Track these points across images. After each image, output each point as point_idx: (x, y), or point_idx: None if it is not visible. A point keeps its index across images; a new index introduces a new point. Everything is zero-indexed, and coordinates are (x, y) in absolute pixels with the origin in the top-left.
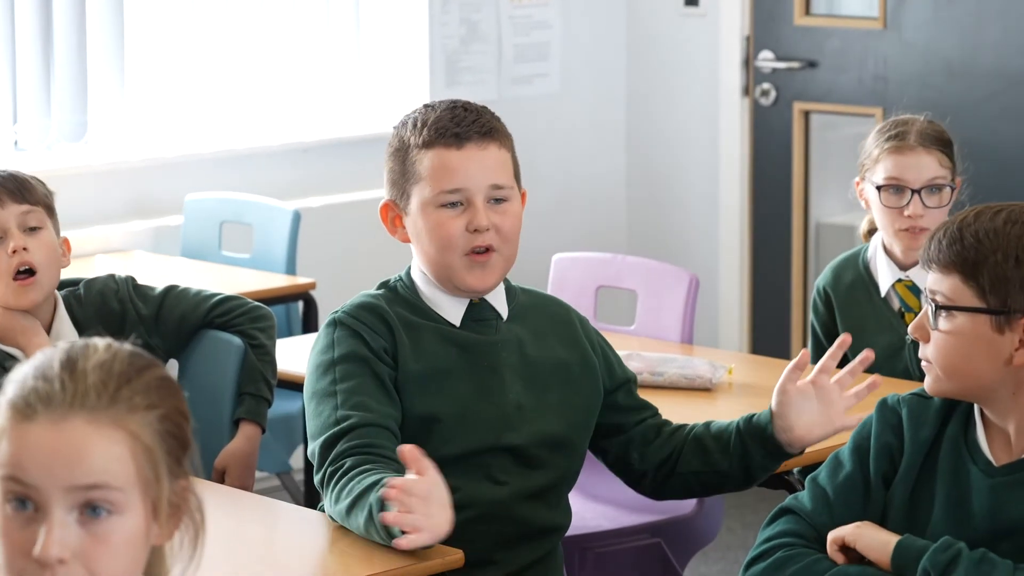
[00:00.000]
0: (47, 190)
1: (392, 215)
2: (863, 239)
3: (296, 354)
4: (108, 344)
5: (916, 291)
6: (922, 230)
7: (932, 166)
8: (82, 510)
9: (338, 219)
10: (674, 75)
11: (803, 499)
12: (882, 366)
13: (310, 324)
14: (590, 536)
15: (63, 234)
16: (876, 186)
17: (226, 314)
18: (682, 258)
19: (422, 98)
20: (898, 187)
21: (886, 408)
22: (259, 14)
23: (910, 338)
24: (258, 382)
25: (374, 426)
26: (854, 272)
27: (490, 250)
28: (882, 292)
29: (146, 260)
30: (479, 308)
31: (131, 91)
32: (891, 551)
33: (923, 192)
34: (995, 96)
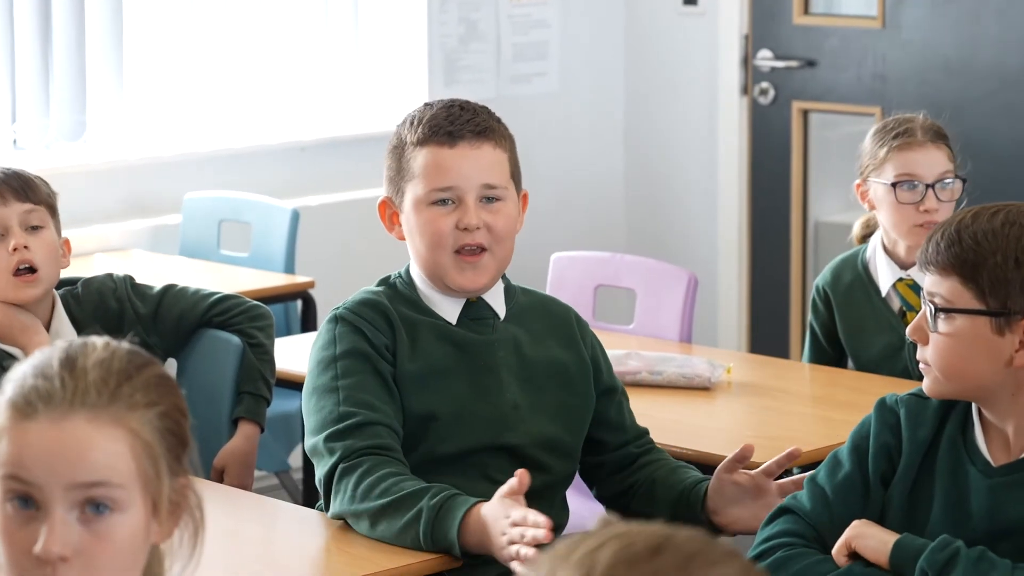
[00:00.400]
0: (50, 190)
1: (389, 212)
2: (856, 243)
3: (295, 353)
4: (107, 342)
5: (917, 289)
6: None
7: (942, 160)
8: (83, 508)
9: (336, 218)
10: (673, 74)
11: (802, 499)
12: (881, 366)
13: (309, 323)
14: None
15: (63, 234)
16: (890, 184)
17: (224, 313)
18: (681, 257)
19: (421, 97)
20: (912, 183)
21: (884, 408)
22: (257, 13)
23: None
24: (257, 381)
25: (382, 425)
26: (853, 272)
27: (481, 250)
28: (882, 292)
29: (145, 259)
30: (476, 307)
31: (130, 90)
32: (889, 550)
33: (935, 187)
34: (993, 94)
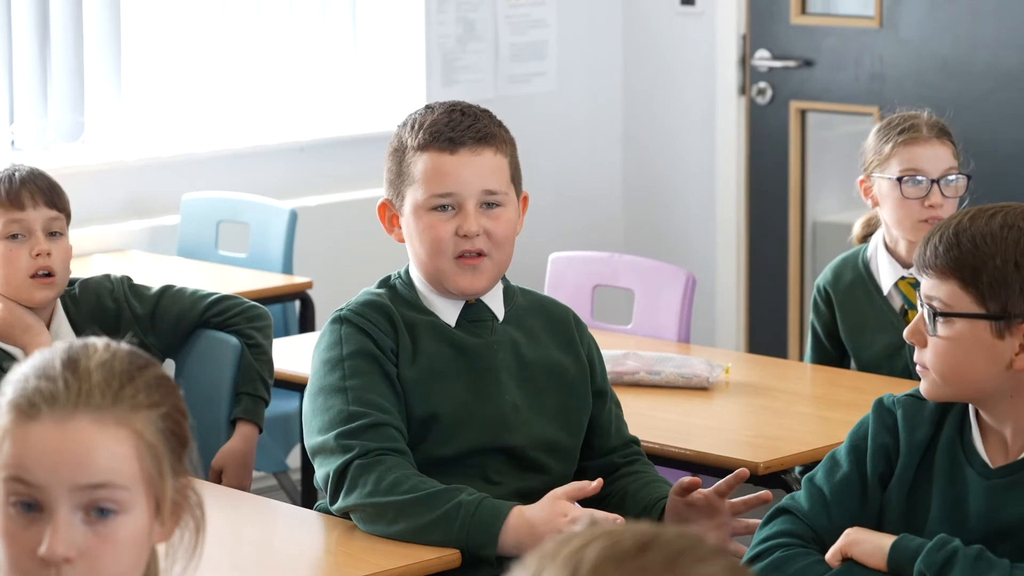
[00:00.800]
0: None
1: (389, 214)
2: (856, 242)
3: (293, 354)
4: (107, 343)
5: (919, 287)
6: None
7: (947, 156)
8: (87, 510)
9: (335, 218)
10: (671, 74)
11: (800, 499)
12: (882, 365)
13: (307, 323)
14: None
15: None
16: (896, 178)
17: (222, 313)
18: (679, 257)
19: (419, 97)
20: (917, 177)
21: (882, 408)
22: (255, 13)
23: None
24: (255, 382)
25: (393, 428)
26: (854, 272)
27: (480, 255)
28: (884, 291)
29: (143, 260)
30: (475, 309)
31: (128, 91)
32: (886, 553)
33: (940, 182)
34: (991, 94)
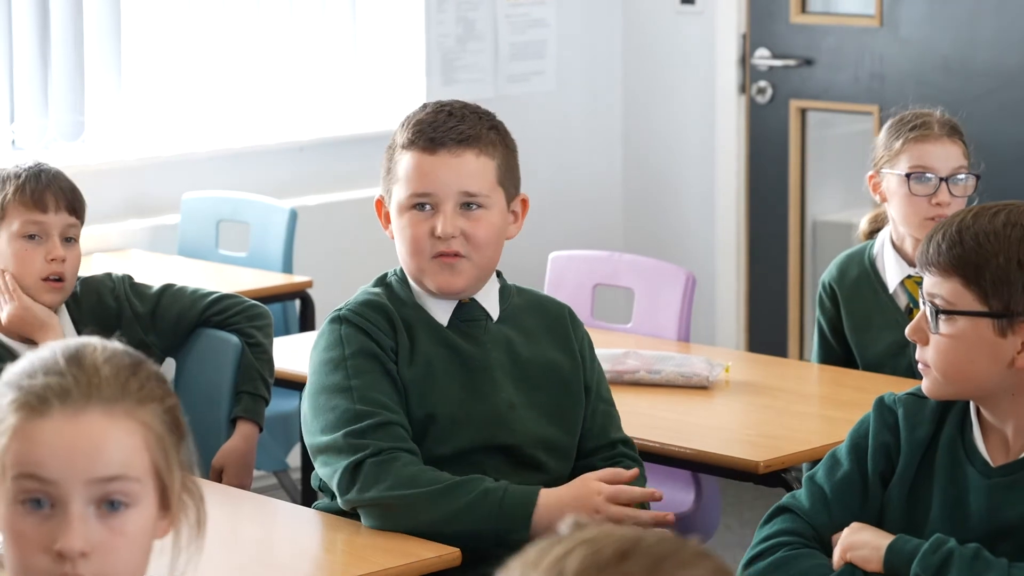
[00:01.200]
0: None
1: (384, 211)
2: (863, 238)
3: (293, 353)
4: (103, 341)
5: None
6: None
7: (957, 155)
8: (99, 504)
9: (335, 217)
10: (670, 73)
11: (801, 497)
12: (886, 363)
13: (307, 323)
14: None
15: None
16: (904, 175)
17: (223, 312)
18: (679, 256)
19: (418, 96)
20: (926, 175)
21: (883, 407)
22: (255, 13)
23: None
24: (255, 381)
25: (401, 427)
26: (859, 268)
27: (456, 256)
28: (890, 288)
29: (143, 259)
30: (468, 308)
31: (128, 90)
32: (882, 556)
33: (949, 181)
34: (991, 93)
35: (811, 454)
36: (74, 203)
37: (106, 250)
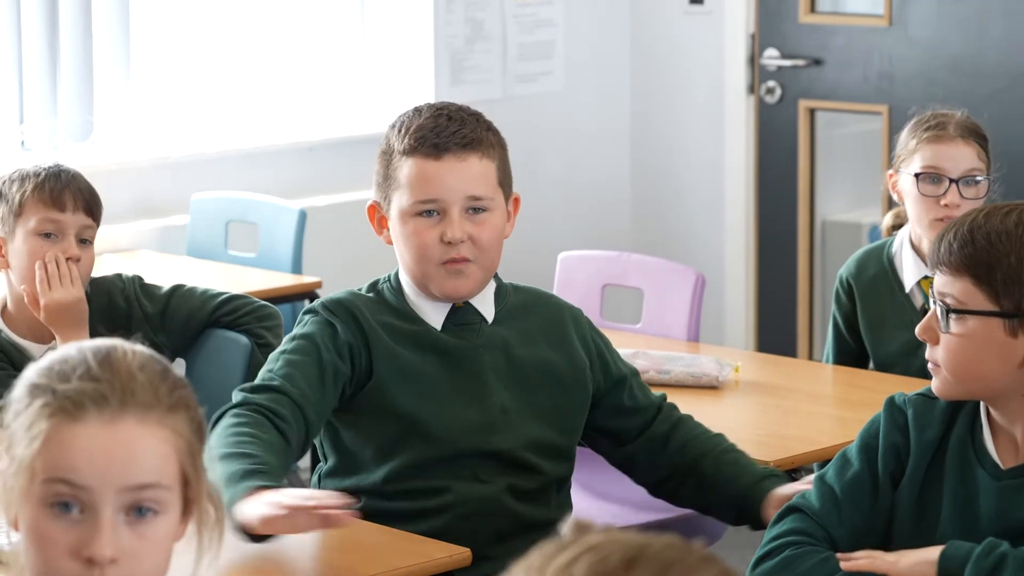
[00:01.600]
0: None
1: (378, 216)
2: (885, 233)
3: None
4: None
5: None
6: None
7: (970, 157)
8: (128, 511)
9: (344, 218)
10: (679, 73)
11: (811, 498)
12: (899, 362)
13: None
14: None
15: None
16: (914, 174)
17: (232, 313)
18: (687, 256)
19: (427, 96)
20: (936, 176)
21: (894, 407)
22: (264, 13)
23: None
24: None
25: (289, 398)
26: (877, 265)
27: (465, 260)
28: (906, 288)
29: (152, 259)
30: (462, 312)
31: (137, 91)
32: (936, 559)
33: (960, 183)
34: (1000, 93)
35: (821, 454)
36: (91, 205)
37: (115, 251)
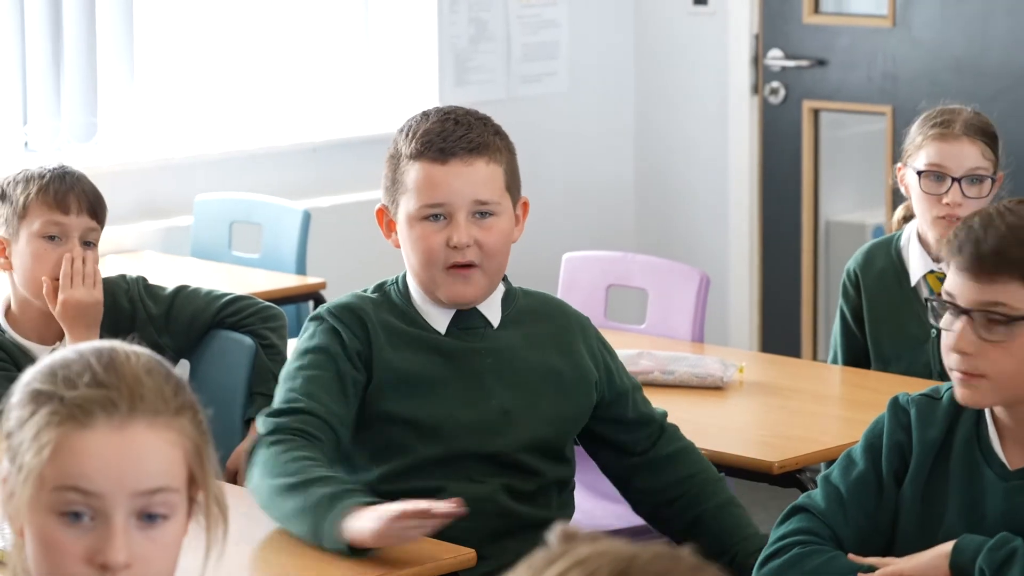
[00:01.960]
0: None
1: (386, 219)
2: (896, 226)
3: None
4: (132, 347)
5: None
6: (958, 219)
7: (974, 156)
8: (139, 515)
9: (347, 219)
10: (683, 74)
11: (816, 497)
12: (902, 357)
13: None
14: None
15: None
16: (917, 171)
17: (237, 314)
18: (692, 256)
19: (431, 97)
20: (939, 174)
21: (898, 407)
22: (268, 15)
23: (936, 331)
24: (269, 382)
25: (318, 418)
26: (885, 258)
27: (471, 266)
28: (912, 281)
29: (156, 260)
30: (467, 316)
31: (141, 92)
32: (948, 552)
33: (963, 181)
34: (1004, 93)
35: (825, 454)
36: (96, 207)
37: (119, 252)
